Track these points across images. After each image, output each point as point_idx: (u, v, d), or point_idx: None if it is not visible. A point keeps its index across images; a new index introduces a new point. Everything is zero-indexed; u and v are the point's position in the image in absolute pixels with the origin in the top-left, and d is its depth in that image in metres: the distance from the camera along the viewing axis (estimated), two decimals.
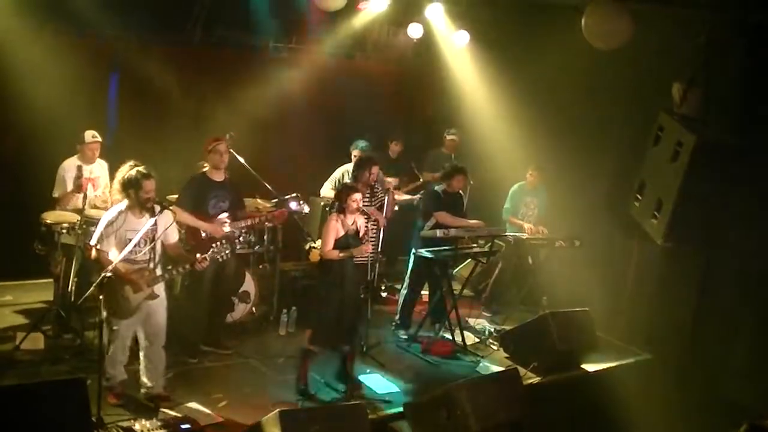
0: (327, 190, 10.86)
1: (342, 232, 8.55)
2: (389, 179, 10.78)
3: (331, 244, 8.48)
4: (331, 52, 12.75)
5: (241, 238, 9.76)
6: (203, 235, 8.94)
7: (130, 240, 7.44)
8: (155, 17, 10.75)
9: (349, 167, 10.85)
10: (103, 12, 10.15)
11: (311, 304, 8.75)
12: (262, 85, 12.00)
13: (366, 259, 8.97)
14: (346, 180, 10.51)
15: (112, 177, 9.19)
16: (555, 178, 11.99)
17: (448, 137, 12.82)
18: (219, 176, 9.11)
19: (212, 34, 11.57)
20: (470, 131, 12.99)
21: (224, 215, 9.11)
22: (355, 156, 10.97)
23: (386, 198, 9.92)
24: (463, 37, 12.73)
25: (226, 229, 9.06)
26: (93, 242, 7.58)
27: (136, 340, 7.91)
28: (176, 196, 9.38)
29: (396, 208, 10.52)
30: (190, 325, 8.99)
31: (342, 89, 12.92)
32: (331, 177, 11.01)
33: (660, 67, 10.56)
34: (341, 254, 8.45)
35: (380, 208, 9.97)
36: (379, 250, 9.71)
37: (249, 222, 9.38)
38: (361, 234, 8.78)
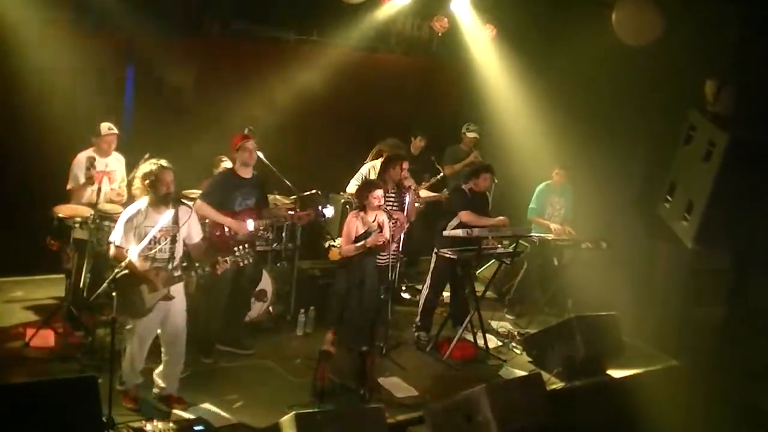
0: (353, 187, 10.84)
1: (362, 230, 8.58)
2: (408, 179, 10.67)
3: (350, 239, 8.44)
4: (354, 45, 12.68)
5: (259, 235, 9.76)
6: (227, 231, 8.95)
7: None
8: (172, 9, 10.75)
9: (376, 164, 10.82)
10: (118, 4, 10.14)
11: (330, 303, 8.69)
12: (283, 78, 11.94)
13: (386, 259, 8.93)
14: (373, 177, 10.50)
15: (129, 172, 9.28)
16: (582, 178, 11.94)
17: (468, 133, 12.74)
18: (247, 173, 9.13)
19: (231, 26, 11.55)
20: (496, 127, 12.97)
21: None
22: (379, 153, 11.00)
23: (407, 198, 9.86)
24: (490, 30, 12.69)
25: (250, 227, 9.07)
26: (114, 239, 7.55)
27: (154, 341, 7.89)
28: (194, 191, 9.41)
29: (417, 205, 10.47)
30: (206, 325, 8.98)
31: (364, 83, 12.88)
32: (357, 174, 10.98)
33: (692, 63, 10.45)
34: (357, 246, 8.36)
35: (402, 208, 9.94)
36: (400, 249, 9.65)
37: (273, 221, 9.41)
38: (386, 235, 8.74)
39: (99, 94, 10.16)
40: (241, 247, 7.85)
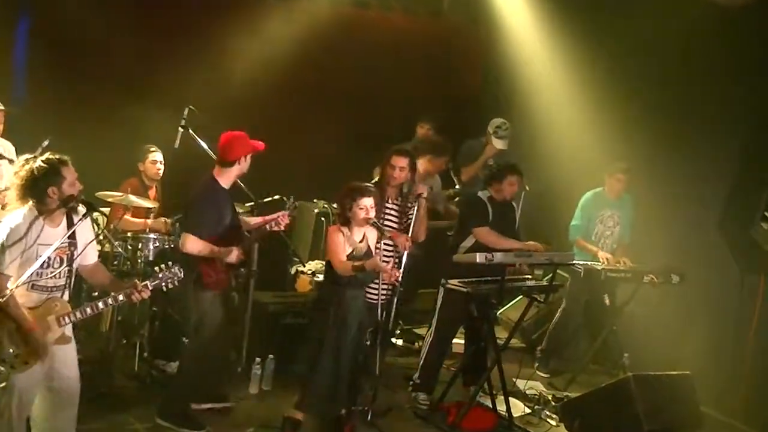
0: None
1: (348, 251, 8.42)
2: (421, 185, 10.33)
3: (343, 255, 8.32)
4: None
5: None
6: (218, 263, 8.74)
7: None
8: None
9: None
10: None
11: (301, 351, 8.66)
12: (242, 41, 12.07)
13: (377, 295, 8.74)
14: None
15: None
16: (646, 186, 11.79)
17: (495, 139, 12.43)
18: (229, 183, 8.95)
19: None
20: (528, 117, 12.99)
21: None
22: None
23: (415, 210, 9.67)
24: None
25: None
26: None
27: None
28: (112, 193, 9.39)
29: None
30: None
31: (352, 51, 13.00)
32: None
33: None
34: (355, 265, 8.23)
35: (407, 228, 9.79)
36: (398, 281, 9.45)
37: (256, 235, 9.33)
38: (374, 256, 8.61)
39: None
40: (163, 266, 7.43)
